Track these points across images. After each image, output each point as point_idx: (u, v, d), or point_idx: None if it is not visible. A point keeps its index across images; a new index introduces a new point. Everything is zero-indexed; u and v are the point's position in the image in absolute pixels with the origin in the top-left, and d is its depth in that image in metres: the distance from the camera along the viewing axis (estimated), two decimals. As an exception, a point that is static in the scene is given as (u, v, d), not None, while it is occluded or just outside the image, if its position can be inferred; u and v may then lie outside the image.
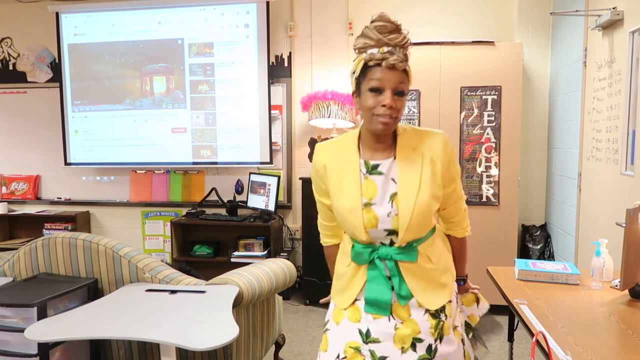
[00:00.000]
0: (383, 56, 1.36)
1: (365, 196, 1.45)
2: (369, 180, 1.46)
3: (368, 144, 1.48)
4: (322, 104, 3.97)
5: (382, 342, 1.44)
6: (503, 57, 3.64)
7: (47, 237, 2.47)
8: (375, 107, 1.37)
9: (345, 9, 4.31)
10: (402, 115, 1.42)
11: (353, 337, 1.47)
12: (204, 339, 1.68)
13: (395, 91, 1.37)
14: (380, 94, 1.37)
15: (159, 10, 4.41)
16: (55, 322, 1.89)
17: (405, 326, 1.45)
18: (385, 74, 1.36)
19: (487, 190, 3.71)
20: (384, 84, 1.36)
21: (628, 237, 1.74)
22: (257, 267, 2.48)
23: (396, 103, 1.37)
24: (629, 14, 2.67)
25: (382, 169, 1.46)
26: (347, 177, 1.47)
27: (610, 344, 1.47)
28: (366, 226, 1.44)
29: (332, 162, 1.51)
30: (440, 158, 1.45)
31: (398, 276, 1.45)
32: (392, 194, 1.44)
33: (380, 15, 1.40)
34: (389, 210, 1.43)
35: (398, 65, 1.36)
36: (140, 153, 4.57)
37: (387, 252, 1.45)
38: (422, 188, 1.42)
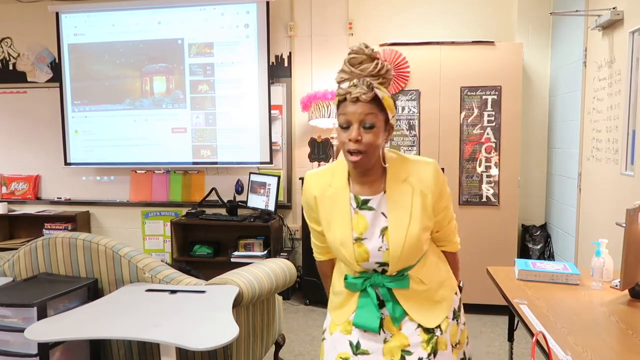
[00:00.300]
0: (346, 91, 1.35)
1: (356, 231, 1.44)
2: (359, 215, 1.45)
3: (356, 179, 1.46)
4: (322, 103, 3.97)
5: (371, 354, 1.46)
6: (503, 57, 3.64)
7: (47, 237, 2.47)
8: (345, 143, 1.36)
9: (345, 9, 4.31)
10: (376, 148, 1.37)
11: (343, 348, 1.50)
12: (204, 339, 1.68)
13: (362, 124, 1.34)
14: (347, 129, 1.36)
15: (159, 10, 4.41)
16: (55, 322, 1.89)
17: (394, 339, 1.46)
18: (350, 107, 1.34)
19: (487, 190, 3.71)
20: (349, 118, 1.35)
21: (628, 237, 1.74)
22: (257, 267, 2.48)
23: (364, 137, 1.33)
24: (629, 14, 2.67)
25: (373, 204, 1.44)
26: (337, 210, 1.46)
27: (610, 344, 1.47)
28: (357, 259, 1.45)
29: (322, 194, 1.49)
30: (430, 190, 1.43)
31: (392, 301, 1.46)
32: (382, 228, 1.43)
33: (354, 47, 1.39)
34: (380, 244, 1.43)
35: (362, 98, 1.32)
36: (140, 153, 4.57)
37: (380, 281, 1.46)
38: (413, 221, 1.41)
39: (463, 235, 3.91)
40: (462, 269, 1.68)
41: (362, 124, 1.34)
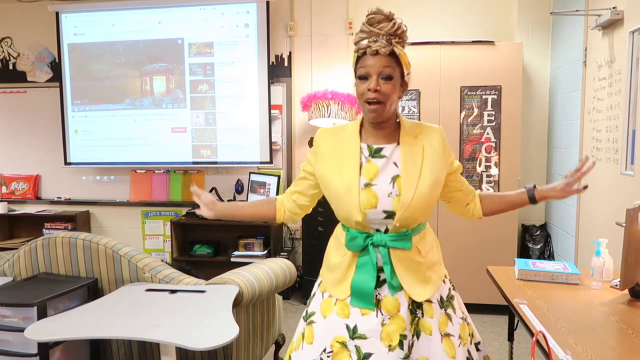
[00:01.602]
0: (367, 45, 1.42)
1: (366, 177, 1.48)
2: (370, 163, 1.49)
3: (370, 131, 1.53)
4: (322, 103, 3.97)
5: (368, 339, 1.45)
6: (503, 56, 3.64)
7: (47, 237, 2.47)
8: (363, 93, 1.44)
9: (345, 8, 4.31)
10: (393, 101, 1.45)
11: (340, 332, 1.48)
12: (204, 339, 1.68)
13: (380, 75, 1.42)
14: (367, 80, 1.43)
15: (159, 10, 4.41)
16: (55, 322, 1.89)
17: (392, 322, 1.45)
18: (369, 60, 1.42)
19: (487, 190, 3.71)
20: (369, 70, 1.42)
21: (628, 236, 1.74)
22: (257, 267, 2.48)
23: (382, 87, 1.41)
24: (629, 14, 2.67)
25: (385, 153, 1.50)
26: (346, 159, 1.50)
27: (610, 344, 1.47)
28: (365, 207, 1.46)
29: (333, 146, 1.55)
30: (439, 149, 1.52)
31: (390, 264, 1.47)
32: (394, 176, 1.47)
33: (372, 8, 1.46)
34: (390, 190, 1.46)
35: (381, 51, 1.40)
36: (140, 153, 4.57)
37: (382, 239, 1.47)
38: (424, 172, 1.47)
39: (463, 235, 3.92)
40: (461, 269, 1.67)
41: (381, 75, 1.42)
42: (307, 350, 1.53)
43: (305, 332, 1.57)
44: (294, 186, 1.68)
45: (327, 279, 1.59)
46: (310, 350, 1.52)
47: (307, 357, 1.53)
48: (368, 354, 1.44)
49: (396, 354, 1.43)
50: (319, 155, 1.57)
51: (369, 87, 1.42)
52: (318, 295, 1.61)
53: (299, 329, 1.64)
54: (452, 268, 3.72)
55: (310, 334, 1.55)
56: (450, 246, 3.73)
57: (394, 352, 1.43)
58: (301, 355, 1.55)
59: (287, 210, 1.69)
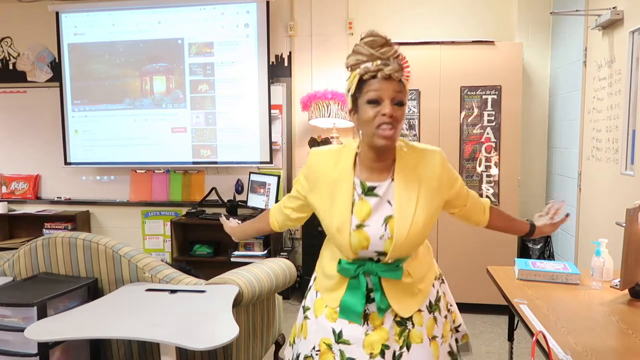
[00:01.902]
0: (378, 67, 1.35)
1: (358, 217, 1.43)
2: (363, 201, 1.44)
3: (366, 164, 1.46)
4: (322, 103, 3.97)
5: (352, 345, 1.47)
6: (503, 56, 3.64)
7: (47, 237, 2.47)
8: (375, 118, 1.35)
9: (345, 8, 4.31)
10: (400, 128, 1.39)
11: (327, 334, 1.51)
12: (204, 339, 1.68)
13: (394, 101, 1.35)
14: (378, 105, 1.35)
15: (159, 9, 4.41)
16: (55, 322, 1.89)
17: (376, 333, 1.47)
18: (382, 84, 1.34)
19: (487, 190, 3.71)
20: (382, 94, 1.34)
21: (628, 236, 1.74)
22: (257, 267, 2.48)
23: (396, 112, 1.34)
24: (629, 14, 2.67)
25: (379, 191, 1.44)
26: (339, 195, 1.45)
27: (610, 344, 1.47)
28: (356, 247, 1.44)
29: (325, 175, 1.49)
30: (437, 178, 1.46)
31: (380, 291, 1.47)
32: (386, 217, 1.42)
33: (369, 31, 1.40)
34: (382, 233, 1.42)
35: (394, 76, 1.35)
36: (140, 153, 4.57)
37: (373, 269, 1.46)
38: (418, 211, 1.42)
39: (463, 235, 3.92)
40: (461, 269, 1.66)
41: (394, 100, 1.35)
42: (302, 344, 1.58)
43: (303, 326, 1.62)
44: (287, 202, 1.67)
45: (321, 283, 1.61)
46: (304, 345, 1.57)
47: (302, 350, 1.57)
48: (351, 358, 1.46)
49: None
50: (311, 182, 1.52)
51: (383, 112, 1.33)
52: (312, 292, 1.64)
53: (299, 318, 1.68)
54: (452, 268, 3.74)
55: (305, 329, 1.59)
56: (451, 246, 3.73)
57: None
58: (300, 346, 1.60)
59: (278, 222, 1.72)
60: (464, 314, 3.70)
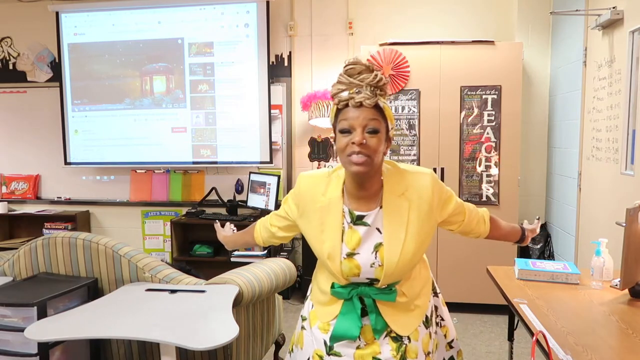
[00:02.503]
0: (350, 96, 1.33)
1: (348, 246, 1.43)
2: (352, 230, 1.43)
3: (352, 193, 1.44)
4: (322, 103, 3.97)
5: (342, 357, 1.48)
6: (503, 56, 3.64)
7: (47, 237, 2.47)
8: (346, 147, 1.33)
9: (345, 8, 4.31)
10: (379, 157, 1.35)
11: (319, 345, 1.52)
12: (204, 339, 1.68)
13: (366, 129, 1.32)
14: (350, 134, 1.33)
15: (159, 9, 4.41)
16: (55, 322, 1.89)
17: (367, 347, 1.47)
18: (354, 112, 1.32)
19: (487, 190, 3.71)
20: (353, 123, 1.32)
21: (628, 236, 1.74)
22: (257, 267, 2.48)
23: (369, 141, 1.31)
24: (629, 14, 2.67)
25: (367, 220, 1.43)
26: (329, 223, 1.44)
27: (610, 344, 1.47)
28: (347, 275, 1.44)
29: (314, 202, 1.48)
30: (428, 202, 1.43)
31: (375, 312, 1.47)
32: (376, 244, 1.42)
33: (352, 59, 1.39)
34: (373, 260, 1.42)
35: (366, 103, 1.31)
36: (140, 152, 4.57)
37: (367, 292, 1.46)
38: (408, 238, 1.40)
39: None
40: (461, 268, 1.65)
41: (366, 128, 1.32)
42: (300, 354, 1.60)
43: (300, 335, 1.63)
44: (275, 220, 1.68)
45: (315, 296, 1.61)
46: (301, 354, 1.59)
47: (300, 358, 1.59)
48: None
49: None
50: (301, 208, 1.52)
51: (353, 140, 1.31)
52: (309, 303, 1.64)
53: (298, 326, 1.68)
54: (453, 268, 3.74)
55: (301, 339, 1.61)
56: (451, 246, 3.73)
57: None
58: (297, 355, 1.61)
59: (262, 238, 1.74)
60: (464, 314, 3.72)
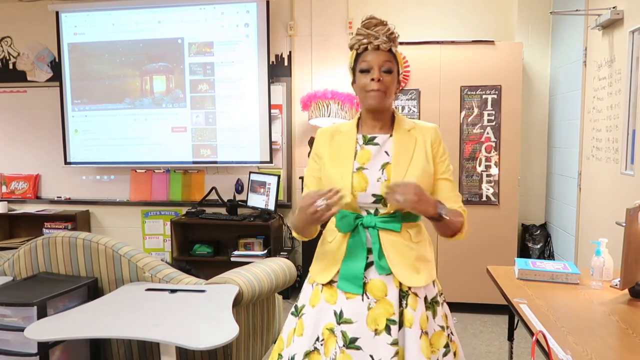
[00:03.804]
0: (369, 40, 1.54)
1: (359, 161, 1.56)
2: (364, 150, 1.58)
3: (367, 123, 1.62)
4: (322, 103, 3.97)
5: (354, 323, 1.47)
6: (503, 56, 3.64)
7: (47, 237, 2.47)
8: (366, 84, 1.53)
9: (345, 8, 4.31)
10: (392, 93, 1.55)
11: (329, 318, 1.51)
12: (203, 338, 1.68)
13: (382, 68, 1.52)
14: (369, 72, 1.53)
15: (159, 9, 4.41)
16: (55, 322, 1.89)
17: (378, 306, 1.47)
18: (371, 55, 1.54)
19: (487, 190, 3.71)
20: (371, 63, 1.53)
21: (628, 236, 1.74)
22: (257, 267, 2.48)
23: (384, 78, 1.52)
24: (629, 14, 2.67)
25: (379, 141, 1.58)
26: (343, 148, 1.59)
27: (610, 344, 1.47)
28: (355, 189, 1.52)
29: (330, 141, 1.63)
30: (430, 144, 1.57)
31: (378, 244, 1.50)
32: (384, 163, 1.55)
33: (368, 15, 1.59)
34: (379, 176, 1.53)
35: (382, 47, 1.53)
36: (140, 152, 4.57)
37: (372, 220, 1.52)
38: (414, 162, 1.54)
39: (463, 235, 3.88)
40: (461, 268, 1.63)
41: (382, 68, 1.52)
42: (299, 343, 1.54)
43: (297, 327, 1.58)
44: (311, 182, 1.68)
45: (315, 268, 1.63)
46: (301, 342, 1.54)
47: (299, 349, 1.53)
48: (354, 338, 1.46)
49: (382, 338, 1.44)
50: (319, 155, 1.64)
51: (372, 77, 1.51)
52: (307, 288, 1.64)
53: (288, 326, 1.64)
54: (453, 268, 3.74)
55: (300, 327, 1.57)
56: (451, 246, 3.73)
57: (380, 337, 1.44)
58: (293, 349, 1.55)
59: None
60: (464, 314, 3.72)
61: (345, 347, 1.45)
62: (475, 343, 3.24)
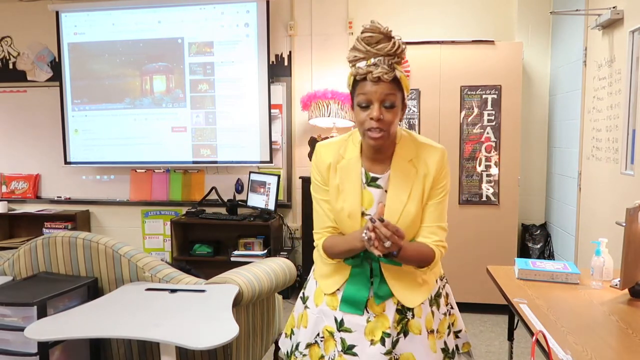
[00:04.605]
0: (368, 70, 1.36)
1: (363, 204, 1.50)
2: (366, 191, 1.51)
3: (368, 155, 1.52)
4: (322, 103, 3.97)
5: (353, 332, 1.50)
6: (503, 56, 3.64)
7: (47, 236, 2.47)
8: (364, 121, 1.39)
9: (345, 8, 4.31)
10: (394, 127, 1.42)
11: (329, 322, 1.54)
12: (203, 338, 1.68)
13: (383, 104, 1.37)
14: (368, 108, 1.39)
15: (159, 9, 4.41)
16: (55, 321, 1.89)
17: (377, 320, 1.50)
18: (370, 87, 1.37)
19: (487, 190, 3.71)
20: (371, 97, 1.37)
21: (628, 236, 1.74)
22: (257, 266, 2.48)
23: (385, 115, 1.37)
24: (629, 14, 2.67)
25: (381, 183, 1.50)
26: (349, 181, 1.50)
27: (610, 343, 1.47)
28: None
29: (336, 164, 1.53)
30: (432, 173, 1.47)
31: (379, 277, 1.50)
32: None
33: (370, 25, 1.38)
34: None
35: (384, 78, 1.35)
36: (140, 152, 4.57)
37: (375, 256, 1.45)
38: (410, 201, 1.46)
39: (463, 235, 3.92)
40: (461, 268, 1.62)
41: (383, 103, 1.37)
42: (303, 333, 1.61)
43: (303, 315, 1.64)
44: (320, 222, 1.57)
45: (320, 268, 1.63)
46: (305, 333, 1.60)
47: (303, 339, 1.60)
48: (352, 345, 1.49)
49: (377, 348, 1.47)
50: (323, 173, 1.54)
51: (371, 116, 1.37)
52: (312, 282, 1.67)
53: (297, 308, 1.71)
54: (452, 267, 3.73)
55: (305, 319, 1.62)
56: (451, 246, 3.71)
57: (375, 347, 1.47)
58: (298, 336, 1.63)
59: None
60: (464, 314, 3.70)
61: (343, 352, 1.50)
62: (475, 343, 3.24)
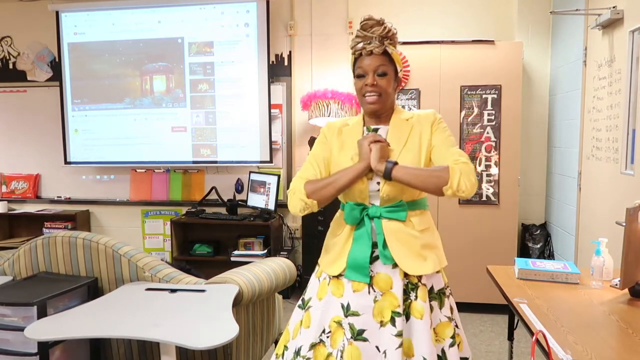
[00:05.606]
0: (363, 46, 1.61)
1: None
2: None
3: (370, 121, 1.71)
4: (322, 102, 3.97)
5: (361, 315, 1.51)
6: (503, 56, 3.64)
7: (47, 236, 2.47)
8: (361, 88, 1.62)
9: (345, 8, 4.31)
10: (389, 94, 1.62)
11: (336, 311, 1.56)
12: (203, 338, 1.68)
13: (376, 72, 1.60)
14: (364, 78, 1.61)
15: (159, 9, 4.41)
16: (55, 321, 1.89)
17: (384, 298, 1.51)
18: (365, 60, 1.61)
19: (487, 190, 3.71)
20: (366, 68, 1.61)
21: (628, 236, 1.74)
22: (257, 266, 2.48)
23: (378, 81, 1.59)
24: (629, 13, 2.67)
25: (381, 132, 1.66)
26: (351, 138, 1.67)
27: (610, 343, 1.47)
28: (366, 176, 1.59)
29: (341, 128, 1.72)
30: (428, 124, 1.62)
31: (382, 234, 1.55)
32: None
33: (365, 16, 1.64)
34: None
35: (375, 51, 1.58)
36: (140, 152, 4.57)
37: (377, 211, 1.57)
38: (405, 151, 1.59)
39: (463, 234, 3.92)
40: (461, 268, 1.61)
41: (376, 72, 1.59)
42: (305, 334, 1.60)
43: (303, 319, 1.65)
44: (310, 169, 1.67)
45: (324, 260, 1.67)
46: (307, 334, 1.59)
47: (305, 341, 1.59)
48: (361, 330, 1.50)
49: (388, 330, 1.48)
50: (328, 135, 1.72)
51: (366, 83, 1.60)
52: (314, 282, 1.69)
53: (294, 318, 1.71)
54: (452, 267, 3.72)
55: (307, 319, 1.63)
56: (451, 245, 3.73)
57: (385, 328, 1.49)
58: (299, 340, 1.61)
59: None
60: (464, 314, 3.72)
61: (353, 339, 1.50)
62: (475, 343, 3.24)
